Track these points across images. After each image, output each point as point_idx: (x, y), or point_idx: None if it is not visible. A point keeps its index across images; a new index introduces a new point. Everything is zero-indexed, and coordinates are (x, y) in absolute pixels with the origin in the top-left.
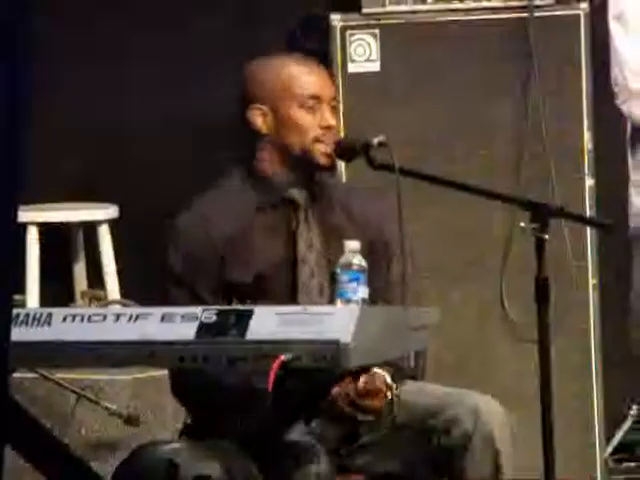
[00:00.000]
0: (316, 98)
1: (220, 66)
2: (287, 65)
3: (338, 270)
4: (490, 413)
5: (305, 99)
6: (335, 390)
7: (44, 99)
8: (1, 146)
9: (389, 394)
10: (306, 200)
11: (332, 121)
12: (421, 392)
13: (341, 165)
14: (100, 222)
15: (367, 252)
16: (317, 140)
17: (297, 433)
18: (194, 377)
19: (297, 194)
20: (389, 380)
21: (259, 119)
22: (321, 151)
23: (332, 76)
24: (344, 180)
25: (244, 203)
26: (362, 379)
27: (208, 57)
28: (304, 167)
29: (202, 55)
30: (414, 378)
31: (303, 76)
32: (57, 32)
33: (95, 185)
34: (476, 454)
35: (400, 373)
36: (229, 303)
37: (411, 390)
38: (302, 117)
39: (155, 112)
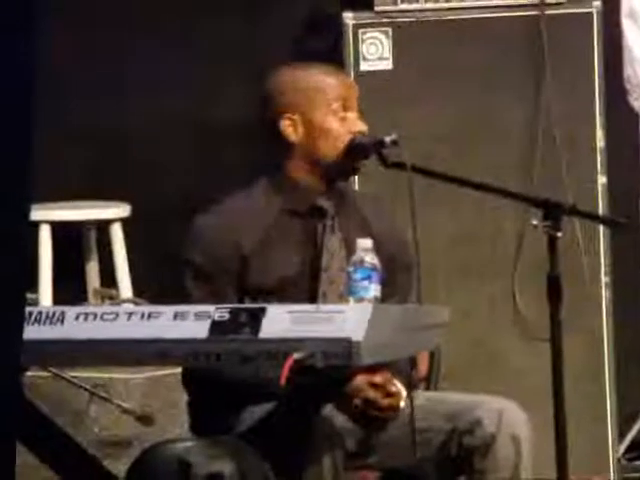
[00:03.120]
0: (345, 105)
1: (230, 68)
2: (314, 73)
3: (350, 268)
4: (514, 416)
5: (335, 106)
6: (348, 386)
7: (53, 97)
8: (12, 145)
9: (400, 401)
10: (333, 209)
11: (363, 127)
12: (440, 399)
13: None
14: (112, 221)
15: (385, 267)
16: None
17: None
18: (206, 370)
19: (326, 203)
20: (401, 388)
21: (289, 129)
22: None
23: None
24: (356, 179)
25: (270, 208)
26: (380, 376)
27: (218, 58)
28: (332, 175)
29: (212, 57)
30: (427, 386)
31: (331, 83)
32: (62, 33)
33: (107, 184)
34: (499, 455)
35: (410, 383)
36: None
37: (429, 398)
38: (333, 125)
39: (164, 111)
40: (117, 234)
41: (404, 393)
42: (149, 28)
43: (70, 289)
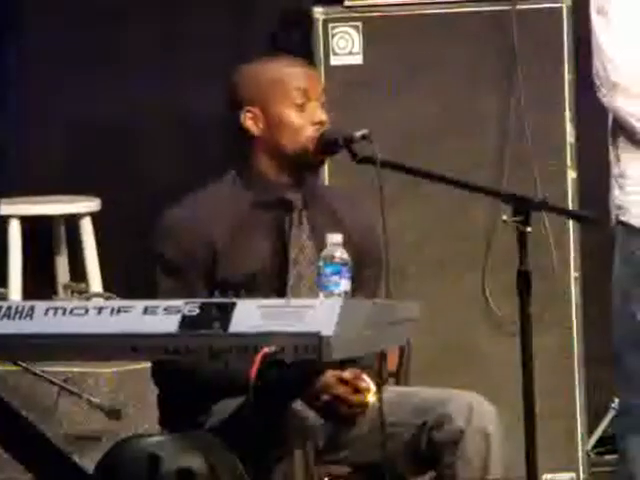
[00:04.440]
0: (305, 95)
1: (206, 63)
2: (275, 65)
3: (320, 263)
4: (483, 411)
5: (294, 96)
6: (317, 382)
7: (29, 93)
8: None
9: (370, 397)
10: (301, 203)
11: (323, 117)
12: (410, 394)
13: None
14: (82, 215)
15: (355, 261)
16: (310, 140)
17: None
18: (176, 365)
19: (293, 196)
20: (370, 384)
21: (250, 122)
22: (313, 149)
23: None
24: (326, 175)
25: (238, 203)
26: (349, 372)
27: (194, 53)
28: (298, 168)
29: (188, 51)
30: (397, 381)
31: (290, 74)
32: (52, 31)
33: (77, 178)
34: (467, 450)
35: (380, 378)
36: None
37: (399, 393)
38: (293, 117)
39: (139, 106)
40: (87, 228)
41: (373, 389)
42: (129, 23)
43: (40, 283)
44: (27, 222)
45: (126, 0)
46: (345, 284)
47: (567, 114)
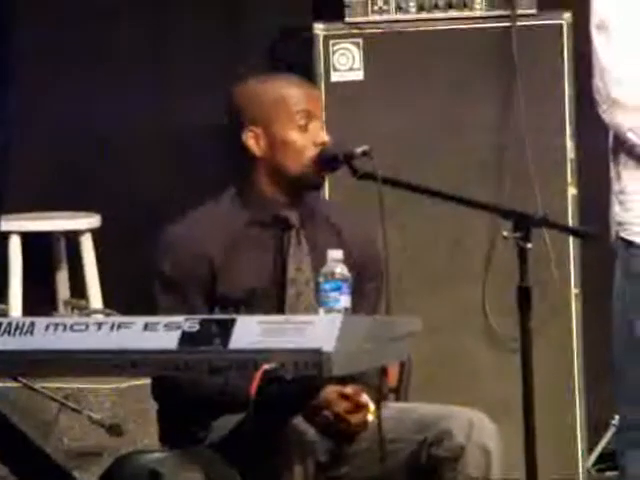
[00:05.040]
0: (307, 116)
1: (202, 76)
2: (277, 85)
3: (320, 279)
4: (483, 428)
5: (297, 117)
6: (318, 398)
7: (27, 108)
8: None
9: (369, 415)
10: (298, 221)
11: (325, 137)
12: (410, 410)
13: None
14: (82, 231)
15: (355, 276)
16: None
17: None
18: (176, 381)
19: (290, 214)
20: (369, 402)
21: (252, 141)
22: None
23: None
24: (327, 189)
25: (236, 220)
26: (349, 387)
27: (191, 66)
28: (298, 187)
29: (185, 64)
30: (397, 397)
31: (293, 95)
32: (43, 39)
33: (77, 194)
34: (468, 466)
35: (379, 395)
36: None
37: (399, 409)
38: (296, 138)
39: (138, 122)
40: (87, 244)
41: (372, 407)
42: (121, 21)
43: (40, 299)
44: (27, 238)
45: (118, 3)
46: (345, 300)
47: (567, 130)
